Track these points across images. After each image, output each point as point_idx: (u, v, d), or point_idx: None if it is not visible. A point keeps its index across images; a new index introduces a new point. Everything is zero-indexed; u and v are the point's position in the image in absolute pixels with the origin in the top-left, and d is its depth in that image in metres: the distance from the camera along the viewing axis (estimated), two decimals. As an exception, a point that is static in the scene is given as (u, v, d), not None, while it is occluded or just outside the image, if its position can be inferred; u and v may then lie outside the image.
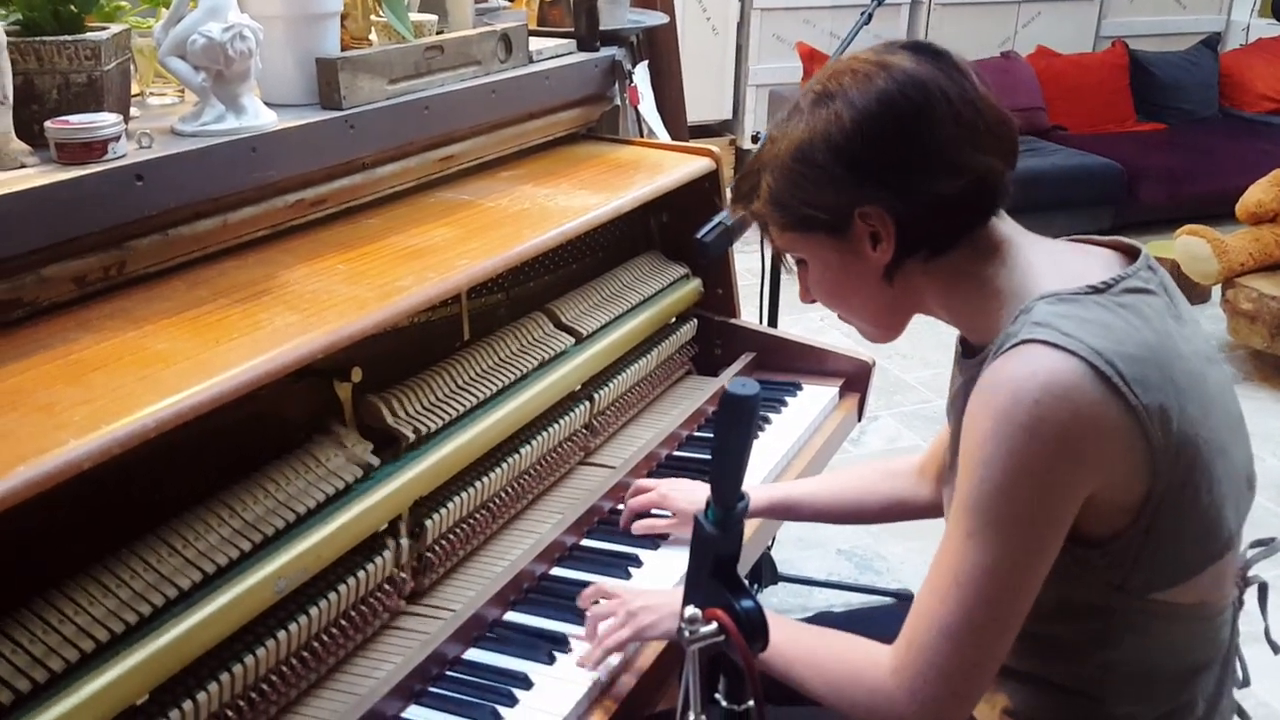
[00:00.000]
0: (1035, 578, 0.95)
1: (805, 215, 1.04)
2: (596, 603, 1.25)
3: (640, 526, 1.46)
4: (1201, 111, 5.48)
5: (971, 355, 1.09)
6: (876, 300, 1.09)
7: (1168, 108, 5.45)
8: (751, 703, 0.82)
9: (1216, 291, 3.81)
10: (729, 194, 1.77)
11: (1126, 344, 0.94)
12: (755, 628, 0.81)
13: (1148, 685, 1.04)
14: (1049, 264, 1.03)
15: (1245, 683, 1.14)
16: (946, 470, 1.12)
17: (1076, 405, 0.91)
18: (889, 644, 1.02)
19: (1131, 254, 1.07)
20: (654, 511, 1.48)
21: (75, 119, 1.16)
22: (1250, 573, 1.11)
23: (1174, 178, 4.92)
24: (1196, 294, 4.19)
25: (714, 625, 0.79)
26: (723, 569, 0.82)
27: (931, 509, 1.35)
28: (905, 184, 0.99)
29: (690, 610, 0.79)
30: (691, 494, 1.46)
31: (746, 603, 0.81)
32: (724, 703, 0.84)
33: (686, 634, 0.79)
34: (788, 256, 1.15)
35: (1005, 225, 1.06)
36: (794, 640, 1.08)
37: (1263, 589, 1.13)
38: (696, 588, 0.84)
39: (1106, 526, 0.97)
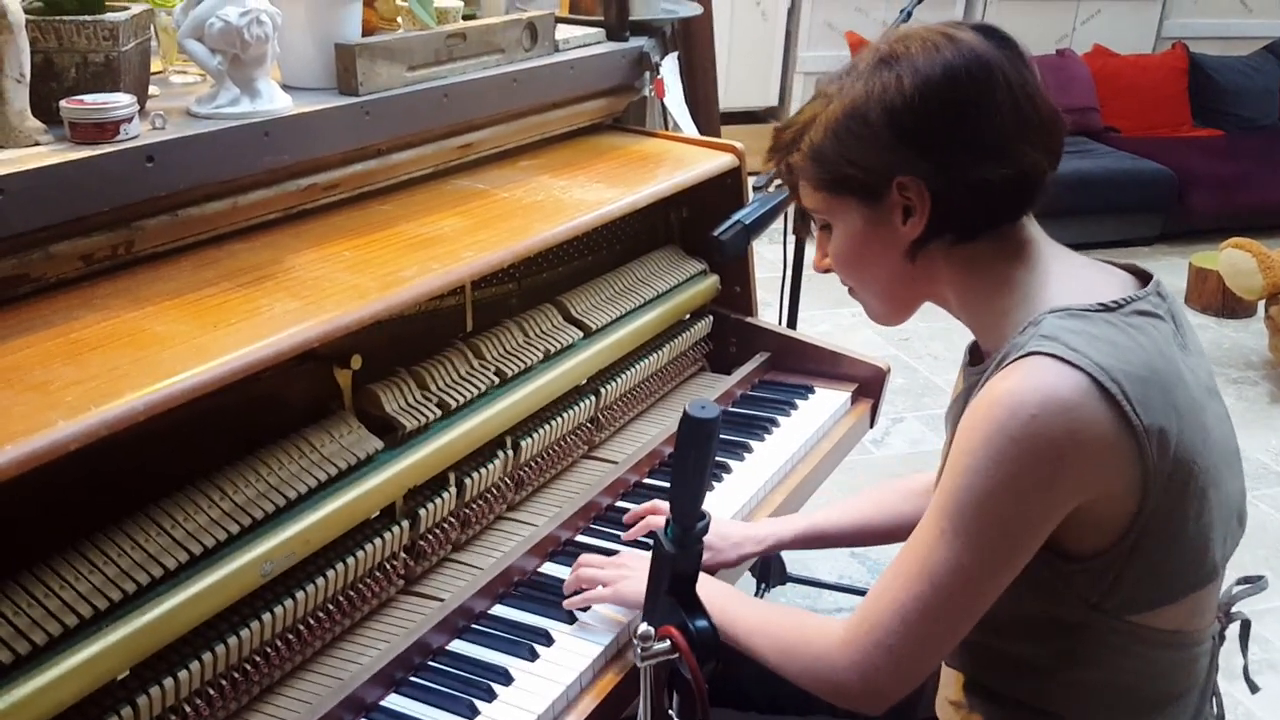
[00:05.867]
0: (1001, 581, 0.96)
1: (844, 174, 1.04)
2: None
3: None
4: (1261, 119, 5.34)
5: (977, 363, 1.08)
6: (893, 277, 1.08)
7: (1226, 114, 5.32)
8: (701, 721, 0.82)
9: (1261, 307, 3.72)
10: (753, 190, 1.77)
11: (1133, 363, 0.93)
12: (707, 647, 0.81)
13: (1118, 709, 1.04)
14: (1065, 277, 1.03)
15: (1220, 718, 1.12)
16: (939, 474, 1.11)
17: (1075, 421, 0.90)
18: None
19: (1145, 280, 1.06)
20: None
21: (90, 99, 1.17)
22: (1234, 609, 1.09)
23: (1227, 187, 4.81)
24: (1241, 309, 4.11)
25: (667, 643, 0.80)
26: (679, 587, 0.83)
27: None
28: (951, 160, 0.99)
29: (644, 628, 0.80)
30: (716, 529, 1.39)
31: (700, 622, 0.81)
32: (676, 719, 0.85)
33: (640, 650, 0.79)
34: (811, 224, 1.14)
35: (1033, 227, 1.05)
36: (751, 609, 1.11)
37: (1245, 626, 1.12)
38: (653, 605, 0.84)
39: (1090, 542, 0.97)
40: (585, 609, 1.29)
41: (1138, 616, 1.00)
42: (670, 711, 0.85)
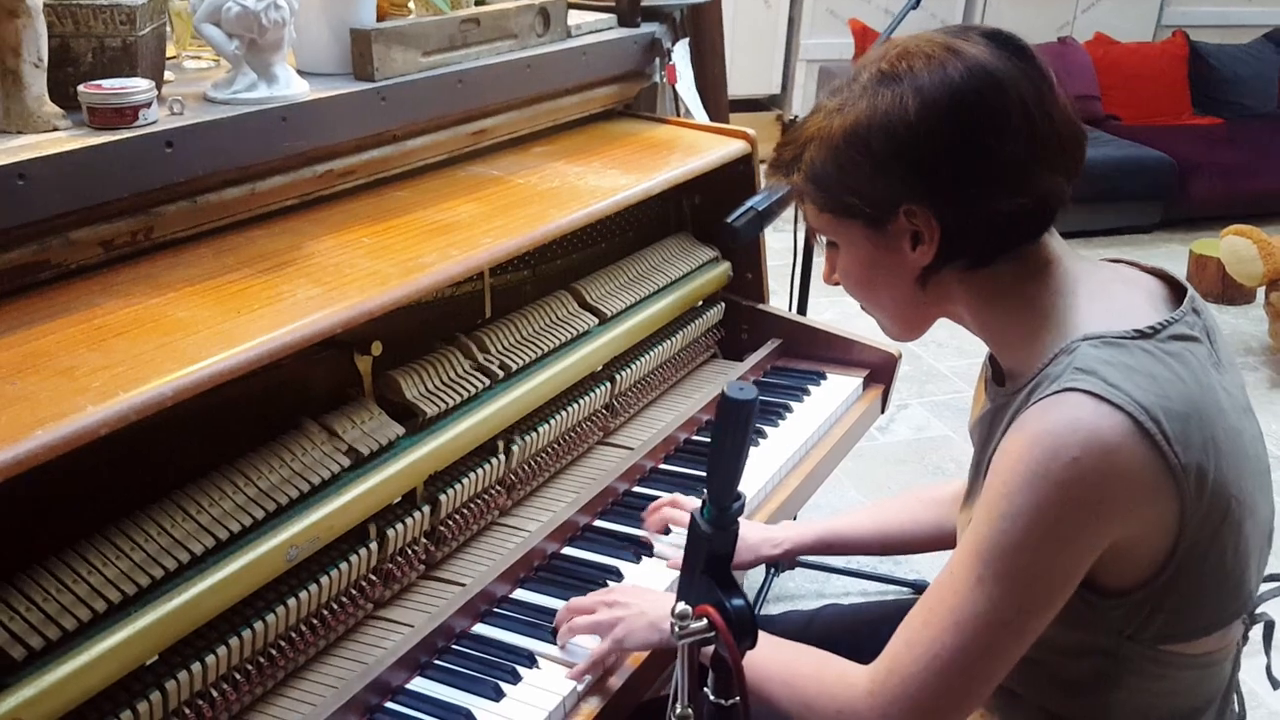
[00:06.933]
0: (1038, 627, 0.93)
1: (845, 201, 0.98)
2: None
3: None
4: (1260, 107, 5.35)
5: (1002, 381, 1.04)
6: (904, 300, 1.03)
7: (1225, 102, 5.33)
8: (738, 698, 0.83)
9: (1261, 293, 3.74)
10: (764, 177, 1.77)
11: (1172, 398, 0.89)
12: (744, 626, 0.81)
13: None
14: (1096, 296, 0.98)
15: (1241, 716, 1.12)
16: (966, 494, 1.09)
17: (1116, 464, 0.87)
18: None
19: (1173, 284, 1.03)
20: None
21: (108, 84, 1.17)
22: (1259, 609, 1.07)
23: (1227, 174, 4.82)
24: (1240, 295, 4.12)
25: (704, 621, 0.80)
26: (715, 567, 0.83)
27: None
28: (961, 194, 0.93)
29: (681, 606, 0.80)
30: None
31: (737, 601, 0.82)
32: (711, 697, 0.85)
33: (676, 629, 0.80)
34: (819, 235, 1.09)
35: (1054, 243, 1.00)
36: (767, 655, 1.05)
37: (1269, 626, 1.11)
38: (689, 584, 0.85)
39: (1124, 578, 0.95)
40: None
41: (1171, 646, 0.98)
42: (705, 689, 0.86)
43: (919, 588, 2.44)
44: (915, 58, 0.93)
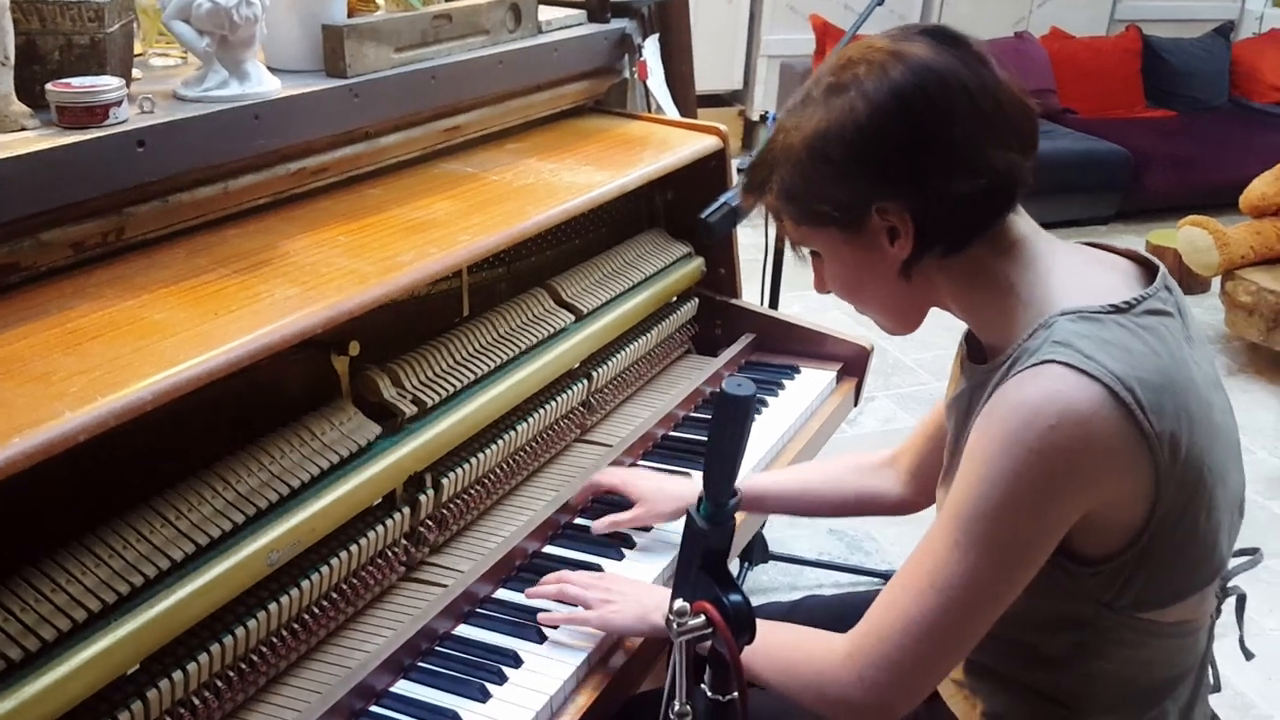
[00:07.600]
0: (1012, 592, 0.96)
1: (818, 210, 1.01)
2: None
3: (602, 525, 1.41)
4: (1212, 100, 5.45)
5: (980, 360, 1.07)
6: (893, 295, 1.06)
7: (1178, 95, 5.42)
8: (736, 694, 0.83)
9: (1216, 283, 3.80)
10: (736, 172, 1.77)
11: (1146, 369, 0.92)
12: (742, 621, 0.81)
13: (1124, 697, 1.05)
14: (1069, 274, 1.01)
15: (1216, 688, 1.14)
16: (944, 471, 1.11)
17: (1091, 433, 0.89)
18: None
19: (1145, 265, 1.05)
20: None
21: (77, 82, 1.14)
22: (1230, 583, 1.10)
23: (1181, 166, 4.90)
24: (1197, 285, 4.19)
25: (701, 618, 0.80)
26: (712, 563, 0.83)
27: (901, 506, 1.36)
28: (923, 184, 0.96)
29: (679, 603, 0.80)
30: (656, 481, 1.44)
31: (734, 597, 0.82)
32: (709, 693, 0.85)
33: (674, 626, 0.80)
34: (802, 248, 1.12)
35: (1023, 222, 1.03)
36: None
37: (1240, 600, 1.13)
38: (685, 580, 0.84)
39: (1101, 547, 0.97)
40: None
41: (1148, 614, 1.00)
42: (702, 684, 0.85)
43: (890, 578, 2.45)
44: (859, 65, 0.98)
